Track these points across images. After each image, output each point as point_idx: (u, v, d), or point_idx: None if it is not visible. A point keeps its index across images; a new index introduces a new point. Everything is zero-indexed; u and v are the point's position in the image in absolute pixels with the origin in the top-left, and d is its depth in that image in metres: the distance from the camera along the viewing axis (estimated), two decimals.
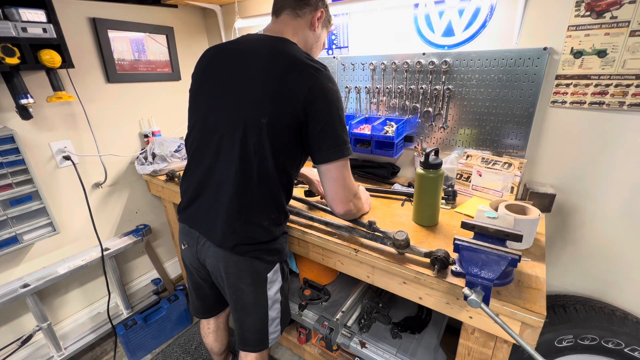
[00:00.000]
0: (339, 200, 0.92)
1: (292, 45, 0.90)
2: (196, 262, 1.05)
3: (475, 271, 0.73)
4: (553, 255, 1.30)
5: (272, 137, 0.84)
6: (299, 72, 0.83)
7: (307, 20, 0.96)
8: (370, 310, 1.42)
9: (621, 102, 1.03)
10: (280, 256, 1.02)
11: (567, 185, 1.20)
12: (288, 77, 0.82)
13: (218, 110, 0.90)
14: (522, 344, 0.60)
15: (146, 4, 1.75)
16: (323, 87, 0.83)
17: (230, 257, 0.95)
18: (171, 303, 1.83)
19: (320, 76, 0.83)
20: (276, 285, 1.03)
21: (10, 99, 1.32)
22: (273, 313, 1.05)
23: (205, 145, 0.93)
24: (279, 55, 0.86)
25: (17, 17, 1.21)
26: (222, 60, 0.92)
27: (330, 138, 0.85)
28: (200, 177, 0.95)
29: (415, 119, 1.45)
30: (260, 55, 0.87)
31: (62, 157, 1.55)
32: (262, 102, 0.83)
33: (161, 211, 2.09)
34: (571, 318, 1.15)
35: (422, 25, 1.34)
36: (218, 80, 0.91)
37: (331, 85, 0.84)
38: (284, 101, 0.82)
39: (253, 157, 0.85)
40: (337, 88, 0.87)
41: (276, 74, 0.83)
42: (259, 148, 0.85)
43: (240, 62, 0.88)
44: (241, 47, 0.91)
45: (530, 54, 1.12)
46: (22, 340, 1.52)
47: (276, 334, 1.09)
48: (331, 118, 0.84)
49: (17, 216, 1.36)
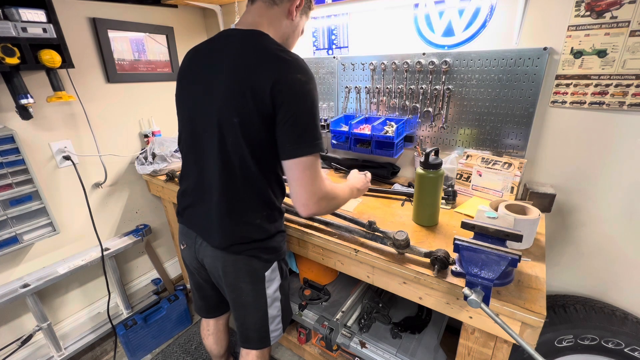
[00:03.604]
0: (301, 203, 0.84)
1: (264, 38, 0.84)
2: (195, 262, 1.05)
3: (475, 271, 0.73)
4: (553, 255, 1.30)
5: (247, 137, 0.82)
6: (265, 65, 0.78)
7: (283, 9, 0.88)
8: (370, 310, 1.42)
9: (621, 102, 1.03)
10: (278, 254, 1.01)
11: (567, 185, 1.20)
12: (255, 72, 0.78)
13: (199, 112, 0.89)
14: (522, 344, 0.60)
15: (146, 4, 1.75)
16: (290, 79, 0.76)
17: (227, 256, 0.95)
18: (171, 303, 1.83)
19: (288, 67, 0.78)
20: (275, 284, 1.03)
21: (10, 99, 1.32)
22: (273, 311, 1.05)
23: (194, 147, 0.93)
24: (248, 51, 0.81)
25: (17, 17, 1.21)
26: (199, 60, 0.90)
27: (296, 133, 0.79)
28: (194, 180, 0.96)
29: (415, 119, 1.45)
30: (231, 52, 0.83)
31: (62, 157, 1.55)
32: (232, 101, 0.80)
33: (161, 211, 2.09)
34: (571, 318, 1.15)
35: (422, 25, 1.34)
36: (197, 81, 0.88)
37: (300, 76, 0.77)
38: (252, 98, 0.78)
39: (233, 157, 0.84)
40: (308, 79, 0.79)
41: (244, 71, 0.79)
42: (237, 148, 0.83)
43: (214, 61, 0.86)
44: (216, 46, 0.88)
45: (530, 54, 1.12)
46: (22, 340, 1.52)
47: (278, 332, 1.09)
48: (298, 111, 0.78)
49: (17, 216, 1.36)
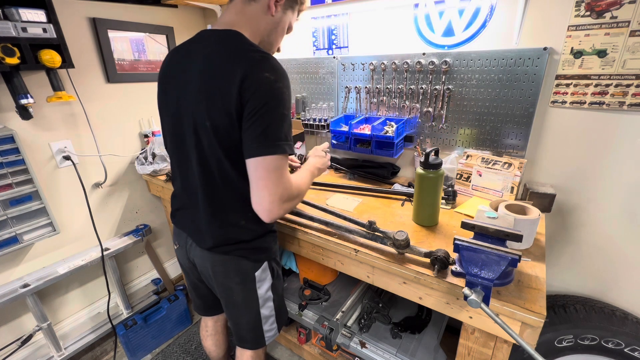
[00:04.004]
0: (264, 208, 0.79)
1: (237, 38, 0.81)
2: (188, 262, 1.07)
3: (475, 271, 0.73)
4: (553, 255, 1.30)
5: (220, 139, 0.80)
6: (233, 64, 0.75)
7: (262, 5, 0.85)
8: (370, 310, 1.42)
9: (621, 102, 1.03)
10: (268, 255, 1.01)
11: (567, 185, 1.20)
12: (223, 73, 0.76)
13: (177, 115, 0.87)
14: (522, 344, 0.60)
15: (146, 4, 1.75)
16: (257, 76, 0.73)
17: (215, 257, 0.96)
18: (171, 303, 1.83)
19: (256, 65, 0.74)
20: (266, 284, 1.02)
21: (10, 99, 1.32)
22: (266, 311, 1.04)
23: (177, 151, 0.93)
24: (219, 52, 0.79)
25: (17, 17, 1.21)
26: (177, 63, 0.89)
27: (259, 131, 0.75)
28: (180, 182, 0.98)
29: (415, 119, 1.45)
30: (203, 54, 0.82)
31: (62, 157, 1.55)
32: (203, 104, 0.79)
33: (161, 211, 2.09)
34: (571, 318, 1.15)
35: (422, 25, 1.34)
36: (174, 84, 0.87)
37: (268, 74, 0.74)
38: (221, 99, 0.76)
39: (211, 160, 0.84)
40: (277, 78, 0.75)
41: (214, 73, 0.78)
42: (213, 151, 0.82)
43: (188, 63, 0.84)
44: (192, 47, 0.86)
45: (530, 54, 1.12)
46: (22, 340, 1.52)
47: (272, 332, 1.09)
48: (264, 109, 0.74)
49: (17, 216, 1.36)
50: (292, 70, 1.77)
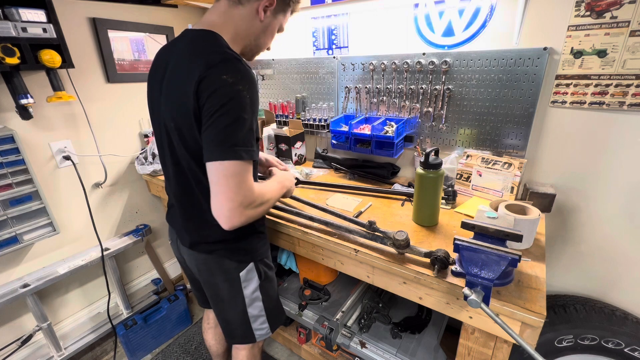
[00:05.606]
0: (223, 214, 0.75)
1: (208, 38, 0.79)
2: (180, 257, 1.10)
3: (475, 271, 0.73)
4: (553, 255, 1.30)
5: (185, 141, 0.80)
6: (194, 65, 0.73)
7: (250, 9, 0.83)
8: (370, 310, 1.42)
9: (621, 102, 1.03)
10: (252, 256, 0.99)
11: (567, 185, 1.20)
12: (185, 74, 0.75)
13: (157, 116, 0.88)
14: (522, 344, 0.60)
15: (146, 4, 1.75)
16: (215, 78, 0.71)
17: (198, 255, 0.98)
18: (171, 303, 1.83)
19: (215, 66, 0.72)
20: (252, 284, 1.01)
21: (10, 99, 1.32)
22: (254, 311, 1.04)
23: (160, 151, 0.95)
24: (188, 53, 0.78)
25: (17, 17, 1.21)
26: (159, 63, 0.88)
27: (214, 134, 0.72)
28: (167, 181, 1.00)
29: (415, 119, 1.45)
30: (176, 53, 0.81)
31: (62, 157, 1.55)
32: (169, 105, 0.79)
33: (161, 211, 2.09)
34: (571, 318, 1.15)
35: (422, 25, 1.34)
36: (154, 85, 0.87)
37: (227, 77, 0.71)
38: (183, 100, 0.75)
39: (182, 161, 0.85)
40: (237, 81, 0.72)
41: (179, 74, 0.77)
42: (183, 153, 0.82)
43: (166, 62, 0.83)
44: (173, 47, 0.85)
45: (530, 54, 1.12)
46: (22, 340, 1.52)
47: (264, 331, 1.09)
48: (220, 112, 0.71)
49: (17, 216, 1.36)
50: (292, 70, 1.77)
